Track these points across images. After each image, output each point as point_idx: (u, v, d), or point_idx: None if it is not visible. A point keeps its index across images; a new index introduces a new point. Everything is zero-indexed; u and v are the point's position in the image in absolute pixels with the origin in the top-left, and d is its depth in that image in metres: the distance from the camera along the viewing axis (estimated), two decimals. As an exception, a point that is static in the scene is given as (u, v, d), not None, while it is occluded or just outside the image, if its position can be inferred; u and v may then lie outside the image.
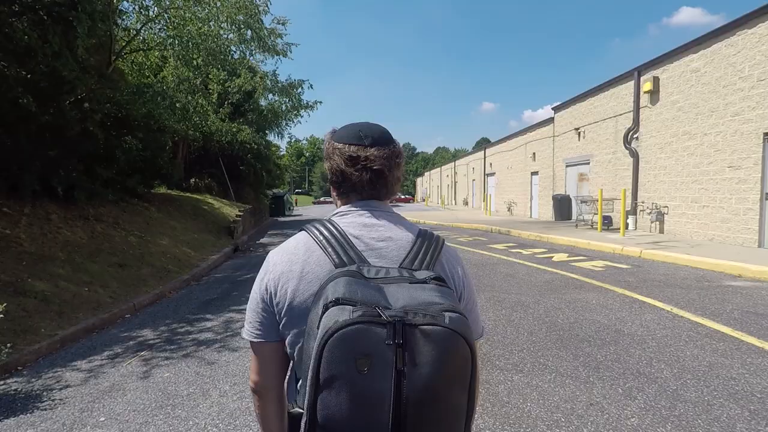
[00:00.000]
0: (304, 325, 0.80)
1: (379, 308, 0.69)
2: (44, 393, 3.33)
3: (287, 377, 0.97)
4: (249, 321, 0.93)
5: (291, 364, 0.94)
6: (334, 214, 0.97)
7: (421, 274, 0.81)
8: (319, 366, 0.68)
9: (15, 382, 3.56)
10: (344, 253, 0.86)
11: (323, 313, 0.71)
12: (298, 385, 0.87)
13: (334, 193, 1.01)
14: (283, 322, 0.89)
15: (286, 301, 0.87)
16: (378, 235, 0.91)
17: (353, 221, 0.93)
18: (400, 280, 0.79)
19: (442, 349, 0.69)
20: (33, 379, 3.60)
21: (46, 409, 3.06)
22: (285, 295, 0.88)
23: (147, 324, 5.14)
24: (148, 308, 5.90)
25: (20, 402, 3.19)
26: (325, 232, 0.90)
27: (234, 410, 2.95)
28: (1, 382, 3.54)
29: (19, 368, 3.83)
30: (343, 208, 0.97)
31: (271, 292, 0.90)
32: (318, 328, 0.70)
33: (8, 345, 3.76)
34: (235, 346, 4.20)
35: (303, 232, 0.94)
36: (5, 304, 3.59)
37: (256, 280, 0.94)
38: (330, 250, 0.87)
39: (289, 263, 0.90)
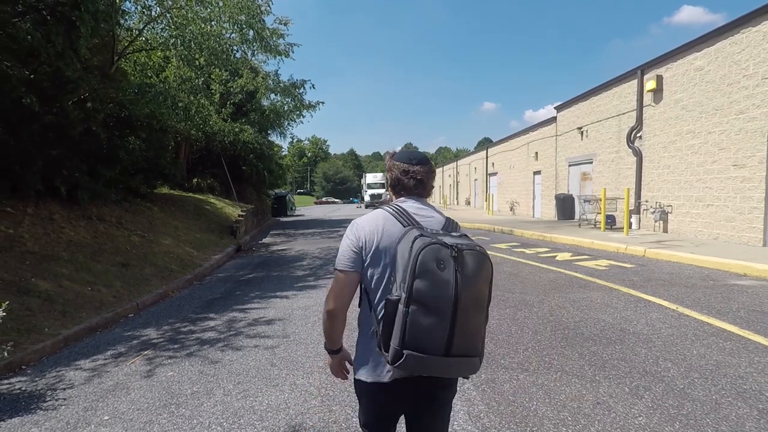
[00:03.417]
0: (379, 265, 1.40)
1: (444, 238, 1.28)
2: (48, 392, 3.32)
3: (360, 308, 1.48)
4: (343, 258, 1.43)
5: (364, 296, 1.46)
6: (395, 202, 1.51)
7: (455, 233, 1.38)
8: (416, 265, 1.22)
9: (19, 381, 3.56)
10: (407, 221, 1.41)
11: (414, 241, 1.26)
12: (373, 308, 1.41)
13: (391, 191, 1.57)
14: (367, 260, 1.42)
15: (372, 248, 1.41)
16: (425, 214, 1.48)
17: (410, 205, 1.49)
18: (446, 234, 1.34)
19: (478, 260, 1.28)
20: (37, 378, 3.59)
21: (50, 408, 3.06)
22: (372, 243, 1.41)
23: (150, 323, 5.14)
24: (151, 308, 5.90)
25: (24, 401, 3.19)
26: (395, 209, 1.45)
27: (238, 409, 2.94)
28: (5, 382, 3.54)
29: (23, 367, 3.84)
30: (401, 199, 1.52)
31: (362, 241, 1.42)
32: (410, 251, 1.24)
33: (9, 344, 3.76)
34: (239, 345, 4.19)
35: (379, 209, 1.47)
36: (7, 302, 3.58)
37: (348, 235, 1.45)
38: (400, 218, 1.42)
39: (374, 224, 1.43)
